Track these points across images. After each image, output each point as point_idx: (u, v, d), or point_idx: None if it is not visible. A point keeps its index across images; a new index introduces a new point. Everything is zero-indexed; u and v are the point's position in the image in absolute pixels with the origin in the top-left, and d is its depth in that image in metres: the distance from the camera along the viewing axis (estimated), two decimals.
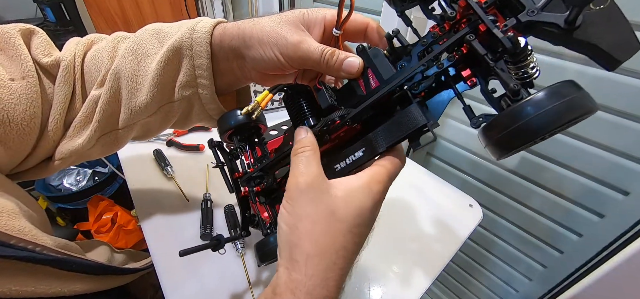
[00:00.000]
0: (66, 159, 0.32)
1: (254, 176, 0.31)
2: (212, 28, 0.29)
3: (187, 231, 0.46)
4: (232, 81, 0.33)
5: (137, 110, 0.31)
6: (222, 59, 0.30)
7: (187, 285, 0.39)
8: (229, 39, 0.29)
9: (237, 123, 0.31)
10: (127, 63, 0.30)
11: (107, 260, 0.38)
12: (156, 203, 0.49)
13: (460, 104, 0.25)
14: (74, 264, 0.30)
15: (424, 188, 0.60)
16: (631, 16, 0.44)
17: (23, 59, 0.28)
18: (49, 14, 1.15)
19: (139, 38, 0.31)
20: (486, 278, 0.81)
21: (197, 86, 0.31)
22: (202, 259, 0.42)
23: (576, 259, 0.59)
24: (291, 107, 0.28)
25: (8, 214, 0.26)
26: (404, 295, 0.41)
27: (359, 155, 0.24)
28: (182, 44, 0.29)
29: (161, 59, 0.29)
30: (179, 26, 0.31)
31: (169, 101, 0.32)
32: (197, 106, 0.33)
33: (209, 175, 0.56)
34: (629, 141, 0.48)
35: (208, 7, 1.32)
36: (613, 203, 0.52)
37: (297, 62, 0.27)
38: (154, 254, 0.42)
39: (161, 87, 0.30)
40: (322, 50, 0.26)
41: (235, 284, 0.40)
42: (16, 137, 0.28)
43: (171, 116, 0.33)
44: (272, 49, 0.27)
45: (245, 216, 0.36)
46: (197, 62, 0.30)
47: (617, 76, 0.46)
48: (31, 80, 0.29)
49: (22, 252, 0.25)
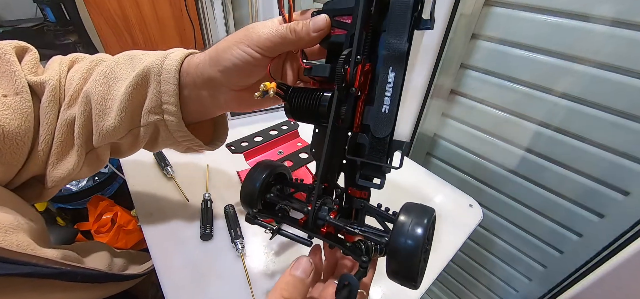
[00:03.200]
0: (58, 184, 0.32)
1: (318, 209, 0.28)
2: (183, 57, 0.30)
3: (187, 231, 0.46)
4: (200, 109, 0.33)
5: (105, 133, 0.31)
6: (189, 86, 0.30)
7: (187, 285, 0.39)
8: (196, 63, 0.30)
9: (260, 185, 0.30)
10: (98, 86, 0.30)
11: (108, 265, 0.38)
12: (156, 203, 0.49)
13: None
14: (78, 275, 0.30)
15: (424, 188, 0.60)
16: (631, 16, 0.44)
17: (16, 75, 0.29)
18: (49, 14, 1.15)
19: (114, 63, 0.32)
20: (486, 278, 0.81)
21: (163, 112, 0.31)
22: (202, 260, 0.42)
23: (576, 259, 0.59)
24: (301, 100, 0.27)
25: (6, 230, 0.25)
26: (404, 295, 0.41)
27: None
28: (151, 70, 0.30)
29: (130, 84, 0.29)
30: (153, 54, 0.31)
31: (137, 126, 0.32)
32: (163, 132, 0.33)
33: (209, 175, 0.56)
34: (629, 141, 0.48)
35: (208, 7, 1.32)
36: (613, 203, 0.52)
37: (267, 48, 0.27)
38: (154, 254, 0.42)
39: (129, 112, 0.30)
40: (287, 25, 0.26)
41: (236, 284, 0.40)
42: (9, 151, 0.28)
43: (140, 140, 0.34)
44: (239, 48, 0.27)
45: (351, 247, 0.28)
46: (163, 88, 0.30)
47: (617, 76, 0.46)
48: (25, 95, 0.29)
49: (25, 267, 0.25)
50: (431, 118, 0.71)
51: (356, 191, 0.28)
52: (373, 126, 0.25)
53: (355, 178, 0.27)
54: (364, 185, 0.27)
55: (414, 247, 0.22)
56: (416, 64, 0.63)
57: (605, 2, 0.43)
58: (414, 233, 0.22)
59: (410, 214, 0.23)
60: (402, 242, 0.22)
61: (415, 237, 0.22)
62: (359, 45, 0.24)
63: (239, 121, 0.71)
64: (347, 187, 0.29)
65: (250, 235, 0.46)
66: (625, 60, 0.44)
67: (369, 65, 0.25)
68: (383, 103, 0.24)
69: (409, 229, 0.22)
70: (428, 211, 0.24)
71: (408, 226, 0.23)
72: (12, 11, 1.27)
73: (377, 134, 0.24)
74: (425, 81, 0.63)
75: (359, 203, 0.28)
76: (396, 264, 0.23)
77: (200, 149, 0.36)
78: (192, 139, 0.34)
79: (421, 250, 0.22)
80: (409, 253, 0.22)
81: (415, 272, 0.22)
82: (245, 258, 0.43)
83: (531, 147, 0.59)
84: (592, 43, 0.46)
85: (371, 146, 0.25)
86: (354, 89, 0.25)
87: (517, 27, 0.52)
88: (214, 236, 0.45)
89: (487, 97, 0.61)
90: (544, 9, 0.49)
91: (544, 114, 0.55)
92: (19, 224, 0.28)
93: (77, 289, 0.31)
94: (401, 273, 0.23)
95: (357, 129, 0.27)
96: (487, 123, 0.63)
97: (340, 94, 0.24)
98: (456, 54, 0.61)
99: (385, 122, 0.24)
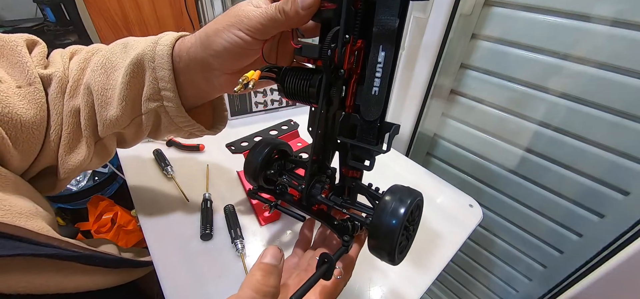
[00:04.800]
0: (71, 175, 0.33)
1: (310, 186, 0.30)
2: (175, 40, 0.30)
3: (187, 231, 0.46)
4: (197, 93, 0.33)
5: (108, 123, 0.31)
6: (183, 71, 0.30)
7: (187, 285, 0.39)
8: (187, 47, 0.29)
9: (262, 159, 0.32)
10: (97, 77, 0.31)
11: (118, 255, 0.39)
12: (156, 203, 0.49)
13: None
14: (96, 259, 0.31)
15: (424, 188, 0.60)
16: (631, 16, 0.44)
17: (28, 67, 0.30)
18: (49, 14, 1.15)
19: (110, 52, 0.32)
20: (486, 278, 0.81)
21: (162, 99, 0.31)
22: (202, 260, 0.42)
23: (576, 259, 0.59)
24: (292, 80, 0.27)
25: (27, 216, 0.27)
26: (404, 295, 0.41)
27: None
28: (144, 57, 0.30)
29: (125, 72, 0.29)
30: (145, 40, 0.31)
31: (139, 114, 0.32)
32: (164, 119, 0.33)
33: (209, 175, 0.56)
34: (629, 141, 0.48)
35: (208, 7, 1.32)
36: (613, 203, 0.52)
37: (258, 31, 0.26)
38: (154, 255, 0.42)
39: (129, 100, 0.31)
40: (275, 5, 0.26)
41: (236, 284, 0.40)
42: (26, 140, 0.29)
43: (143, 128, 0.34)
44: (230, 31, 0.27)
45: (337, 226, 0.29)
46: (159, 74, 0.30)
47: (617, 76, 0.46)
48: (38, 86, 0.30)
49: (49, 249, 0.26)
50: (431, 118, 0.71)
51: (349, 170, 0.29)
52: (363, 108, 0.24)
53: (347, 158, 0.28)
54: (354, 166, 0.28)
55: (395, 225, 0.23)
56: (416, 64, 0.63)
57: (605, 2, 0.43)
58: (396, 212, 0.23)
59: (395, 195, 0.24)
60: (384, 220, 0.23)
61: (397, 215, 0.23)
62: (348, 23, 0.23)
63: (239, 121, 0.71)
64: (341, 166, 0.30)
65: (250, 235, 0.46)
66: (625, 60, 0.44)
67: (362, 42, 0.24)
68: (373, 85, 0.23)
69: (391, 208, 0.23)
70: (413, 193, 0.25)
71: (391, 205, 0.24)
72: (12, 11, 1.27)
73: (367, 116, 0.24)
74: (425, 80, 0.63)
75: (350, 182, 0.30)
76: (375, 240, 0.24)
77: (202, 134, 0.36)
78: (193, 123, 0.34)
79: (400, 228, 0.23)
80: (389, 230, 0.23)
81: (393, 247, 0.23)
82: (245, 257, 0.43)
83: (531, 147, 0.59)
84: (592, 43, 0.46)
85: (361, 128, 0.25)
86: (342, 72, 0.24)
87: (517, 27, 0.52)
88: (214, 236, 0.45)
89: (487, 97, 0.61)
90: (544, 8, 0.49)
91: (544, 114, 0.55)
92: (38, 211, 0.29)
93: (94, 273, 0.32)
94: (379, 247, 0.24)
95: (349, 110, 0.26)
96: (487, 123, 0.63)
97: (328, 75, 0.24)
98: (456, 53, 0.61)
99: (375, 105, 0.23)
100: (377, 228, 0.24)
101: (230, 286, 0.40)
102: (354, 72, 0.25)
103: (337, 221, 0.29)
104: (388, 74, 0.23)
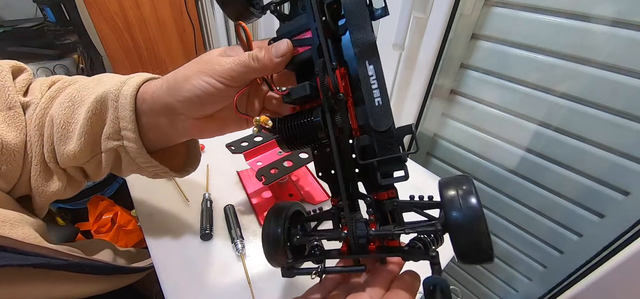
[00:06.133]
0: (46, 203, 0.33)
1: (354, 228, 0.25)
2: (142, 82, 0.30)
3: (187, 231, 0.46)
4: (161, 136, 0.32)
5: (66, 157, 0.31)
6: (147, 113, 0.30)
7: (187, 285, 0.39)
8: (152, 91, 0.29)
9: (282, 233, 0.27)
10: (62, 110, 0.30)
11: (112, 260, 0.39)
12: (156, 203, 0.49)
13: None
14: (86, 267, 0.31)
15: (424, 188, 0.60)
16: (631, 16, 0.44)
17: (9, 91, 0.30)
18: (49, 14, 1.15)
19: (83, 85, 0.31)
20: (486, 278, 0.81)
21: (122, 138, 0.31)
22: (202, 260, 0.42)
23: (576, 259, 0.59)
24: (292, 127, 0.26)
25: (11, 223, 0.26)
26: None
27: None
28: (108, 95, 0.29)
29: (88, 108, 0.29)
30: (116, 78, 0.31)
31: (99, 152, 0.32)
32: (125, 158, 0.32)
33: (209, 175, 0.56)
34: (629, 141, 0.48)
35: (208, 7, 1.32)
36: (613, 203, 0.52)
37: (231, 78, 0.26)
38: (154, 255, 0.42)
39: (89, 137, 0.30)
40: (249, 53, 0.26)
41: (236, 284, 0.40)
42: (6, 162, 0.29)
43: (103, 166, 0.33)
44: (201, 78, 0.26)
45: (411, 250, 0.25)
46: (120, 114, 0.29)
47: (617, 75, 0.46)
48: (18, 110, 0.30)
49: (36, 258, 0.26)
50: (431, 118, 0.71)
51: (383, 193, 0.27)
52: (373, 122, 0.24)
53: (377, 181, 0.25)
54: (388, 184, 0.26)
55: (477, 214, 0.20)
56: (416, 64, 0.63)
57: (605, 2, 0.43)
58: (468, 202, 0.20)
59: (453, 187, 0.22)
60: (462, 215, 0.20)
61: (472, 205, 0.20)
62: (330, 51, 0.24)
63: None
64: (372, 194, 0.27)
65: (250, 235, 0.46)
66: (625, 60, 0.44)
67: (344, 69, 0.25)
68: (374, 97, 0.24)
69: (461, 201, 0.21)
70: (467, 179, 0.22)
71: (458, 198, 0.21)
72: (12, 11, 1.27)
73: (380, 127, 0.24)
74: (425, 81, 0.63)
75: (391, 204, 0.26)
76: (463, 238, 0.20)
77: (167, 176, 0.36)
78: (156, 165, 0.33)
79: (483, 215, 0.20)
80: (474, 220, 0.20)
81: (486, 242, 0.20)
82: (245, 257, 0.43)
83: (531, 147, 0.59)
84: (592, 43, 0.46)
85: (379, 143, 0.24)
86: (341, 95, 0.24)
87: (517, 27, 0.52)
88: (214, 236, 0.45)
89: (487, 97, 0.61)
90: (544, 9, 0.49)
91: (544, 114, 0.55)
92: (23, 218, 0.28)
93: (85, 281, 0.31)
94: (472, 247, 0.20)
95: (357, 133, 0.26)
96: (487, 123, 0.63)
97: (329, 103, 0.24)
98: (456, 54, 0.61)
99: (384, 114, 0.24)
100: (459, 226, 0.20)
101: (230, 286, 0.40)
102: (348, 97, 0.26)
103: (405, 246, 0.26)
104: (383, 82, 0.24)
